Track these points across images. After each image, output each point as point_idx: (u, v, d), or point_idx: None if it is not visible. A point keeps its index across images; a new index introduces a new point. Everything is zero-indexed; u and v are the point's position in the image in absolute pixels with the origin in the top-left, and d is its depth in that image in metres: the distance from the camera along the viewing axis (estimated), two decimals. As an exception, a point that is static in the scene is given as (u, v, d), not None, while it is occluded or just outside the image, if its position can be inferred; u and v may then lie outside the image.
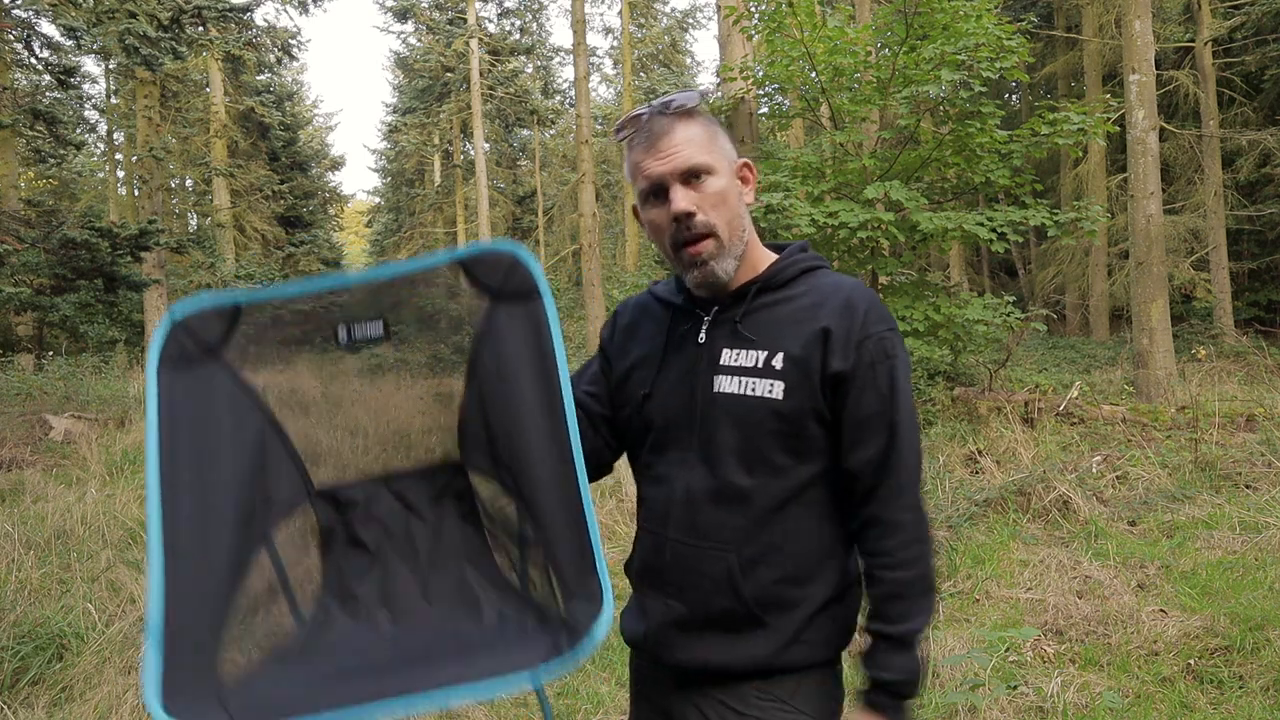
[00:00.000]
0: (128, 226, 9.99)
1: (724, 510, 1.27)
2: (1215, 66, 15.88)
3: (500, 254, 1.19)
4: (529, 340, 1.19)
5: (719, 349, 1.30)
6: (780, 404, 1.24)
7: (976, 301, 7.38)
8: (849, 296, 1.27)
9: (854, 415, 1.24)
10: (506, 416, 1.19)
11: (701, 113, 1.32)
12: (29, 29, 13.20)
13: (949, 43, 6.65)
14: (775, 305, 1.30)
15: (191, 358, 1.10)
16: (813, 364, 1.24)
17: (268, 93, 26.79)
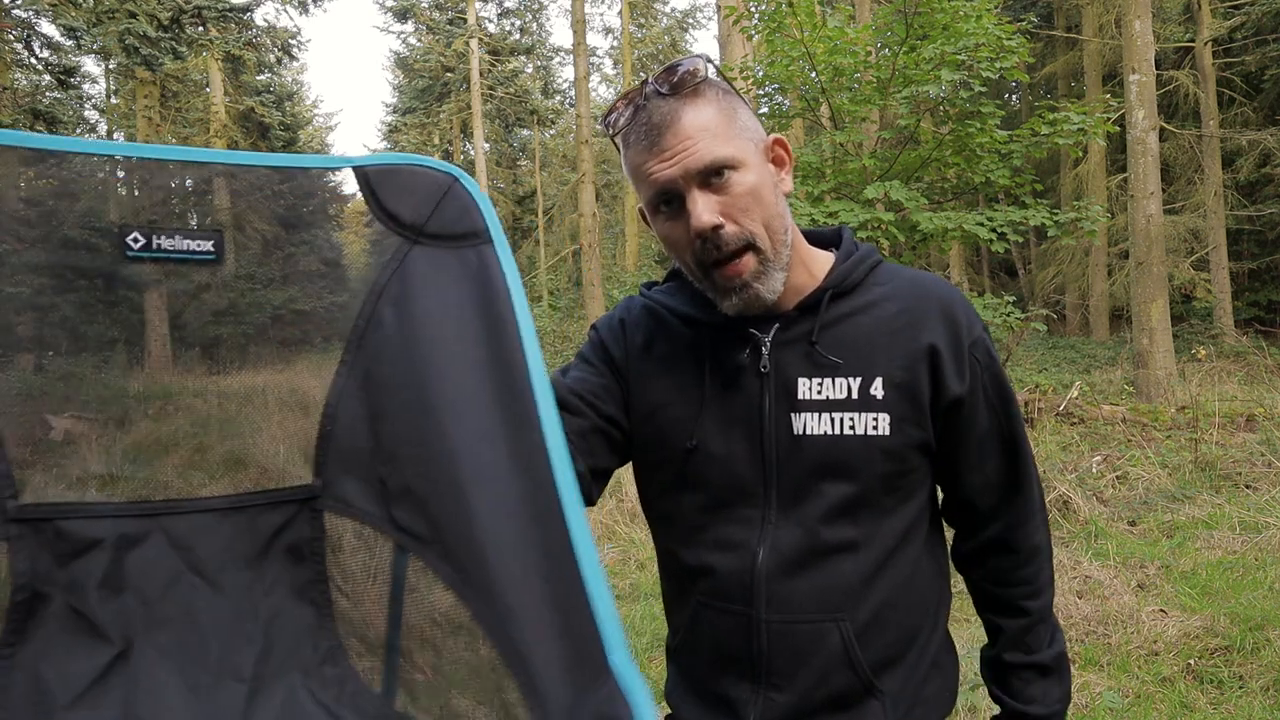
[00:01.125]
0: (128, 226, 10.00)
1: (826, 572, 1.01)
2: (1215, 66, 15.89)
3: (427, 170, 0.79)
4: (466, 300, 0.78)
5: (793, 379, 1.01)
6: (887, 440, 1.00)
7: (976, 301, 7.38)
8: (943, 299, 1.04)
9: (972, 436, 1.05)
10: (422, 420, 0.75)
11: (712, 85, 0.98)
12: (29, 29, 13.21)
13: (949, 43, 6.65)
14: (854, 316, 1.03)
15: None
16: (920, 388, 1.00)
17: (268, 93, 26.81)
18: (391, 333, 0.77)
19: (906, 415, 1.00)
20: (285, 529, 0.79)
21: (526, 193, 31.24)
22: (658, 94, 0.96)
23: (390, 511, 0.75)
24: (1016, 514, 1.09)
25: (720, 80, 1.00)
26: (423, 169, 0.79)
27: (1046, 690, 1.09)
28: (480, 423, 0.73)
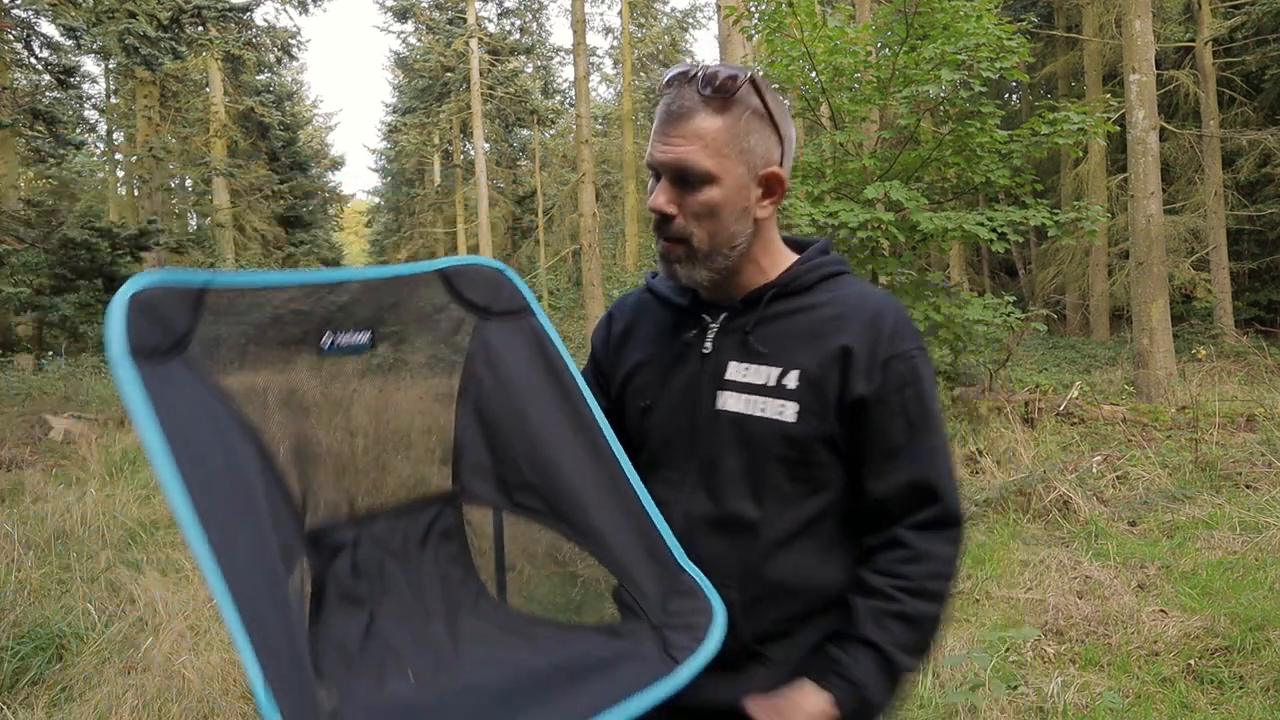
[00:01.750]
0: (127, 226, 10.00)
1: (725, 541, 1.12)
2: (1215, 66, 15.89)
3: (483, 268, 1.13)
4: (532, 354, 1.13)
5: (725, 362, 1.15)
6: (791, 427, 1.10)
7: (976, 301, 7.37)
8: (875, 310, 1.12)
9: (879, 444, 1.11)
10: (522, 435, 1.11)
11: (744, 100, 1.08)
12: (29, 29, 13.20)
13: (949, 43, 6.65)
14: (792, 315, 1.15)
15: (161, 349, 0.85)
16: (829, 385, 1.10)
17: (268, 93, 26.80)
18: (489, 383, 1.13)
19: (812, 408, 1.10)
20: (437, 519, 1.15)
21: (526, 193, 31.22)
22: (690, 85, 1.08)
23: (512, 499, 1.13)
24: (925, 520, 1.10)
25: (755, 100, 1.10)
26: (482, 267, 1.15)
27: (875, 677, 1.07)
28: (562, 433, 1.10)
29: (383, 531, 1.11)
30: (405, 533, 1.12)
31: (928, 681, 3.19)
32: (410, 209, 31.40)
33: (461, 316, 1.13)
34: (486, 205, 24.52)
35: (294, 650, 0.85)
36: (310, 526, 1.06)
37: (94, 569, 4.30)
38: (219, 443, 0.89)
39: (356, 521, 1.10)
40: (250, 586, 0.81)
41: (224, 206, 23.08)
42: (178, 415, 0.82)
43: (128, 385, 0.80)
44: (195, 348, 0.90)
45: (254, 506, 0.90)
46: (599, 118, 31.51)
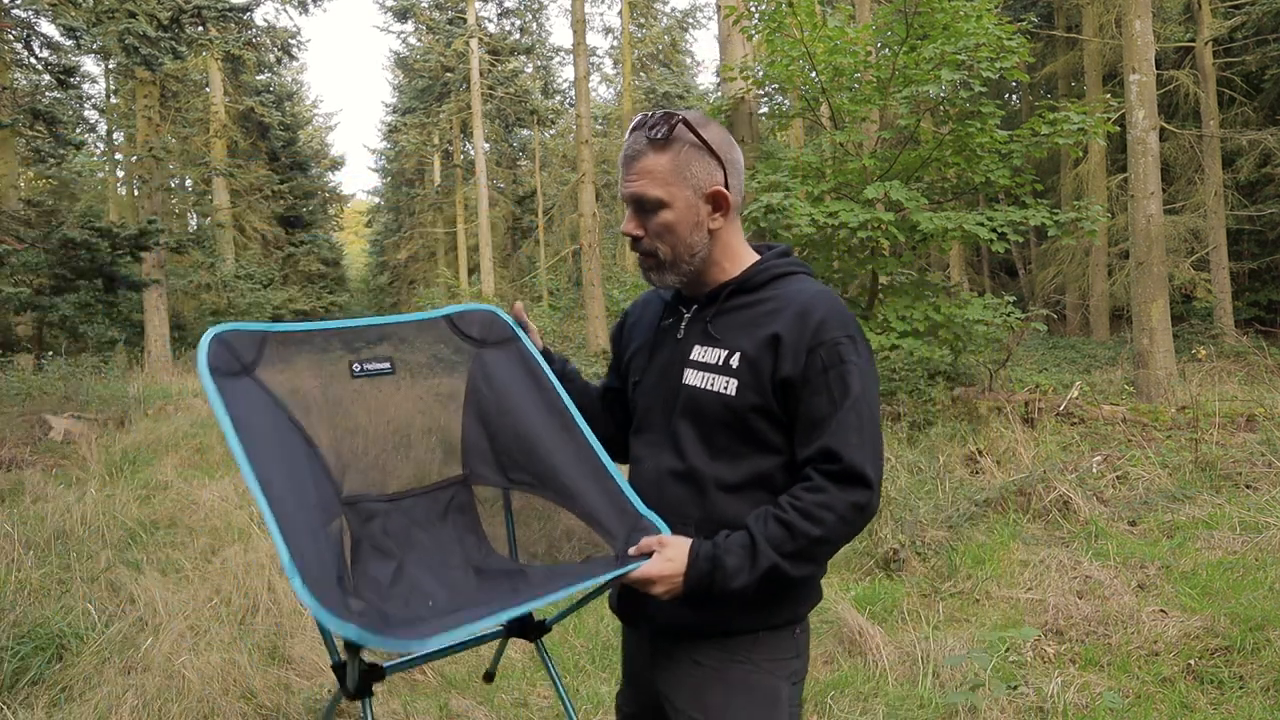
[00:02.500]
0: (127, 226, 9.98)
1: (685, 489, 1.39)
2: (1215, 66, 15.89)
3: (480, 311, 1.52)
4: (519, 369, 1.50)
5: (691, 345, 1.42)
6: (731, 399, 1.34)
7: (976, 301, 7.37)
8: (806, 304, 1.34)
9: (806, 417, 1.32)
10: (514, 429, 1.45)
11: (679, 140, 1.36)
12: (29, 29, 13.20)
13: (949, 43, 6.65)
14: (743, 308, 1.40)
15: (234, 370, 1.26)
16: (763, 367, 1.33)
17: (268, 93, 26.79)
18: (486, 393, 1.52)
19: (749, 384, 1.33)
20: (455, 497, 1.51)
21: (526, 193, 31.21)
22: (637, 133, 1.37)
23: (509, 476, 1.49)
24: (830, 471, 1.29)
25: (690, 136, 1.36)
26: (479, 310, 1.55)
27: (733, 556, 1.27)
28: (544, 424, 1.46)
29: (408, 506, 1.45)
30: (427, 507, 1.46)
31: (927, 681, 3.19)
32: (410, 209, 31.39)
33: (463, 347, 1.52)
34: (486, 205, 24.51)
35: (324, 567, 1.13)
36: (347, 495, 1.39)
37: (94, 569, 4.30)
38: (274, 430, 1.25)
39: (387, 499, 1.44)
40: (293, 521, 1.11)
41: (224, 206, 23.08)
42: (242, 409, 1.19)
43: (208, 389, 1.19)
44: (260, 371, 1.29)
45: (298, 472, 1.24)
46: (599, 118, 31.50)
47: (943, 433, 6.82)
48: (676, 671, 1.40)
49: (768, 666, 1.36)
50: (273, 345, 1.32)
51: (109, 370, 13.57)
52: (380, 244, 34.06)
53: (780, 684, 1.37)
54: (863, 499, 1.28)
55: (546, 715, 3.09)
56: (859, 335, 1.34)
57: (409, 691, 3.22)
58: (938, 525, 4.79)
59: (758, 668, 1.36)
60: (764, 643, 1.37)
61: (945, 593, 4.12)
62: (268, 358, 1.31)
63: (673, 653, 1.41)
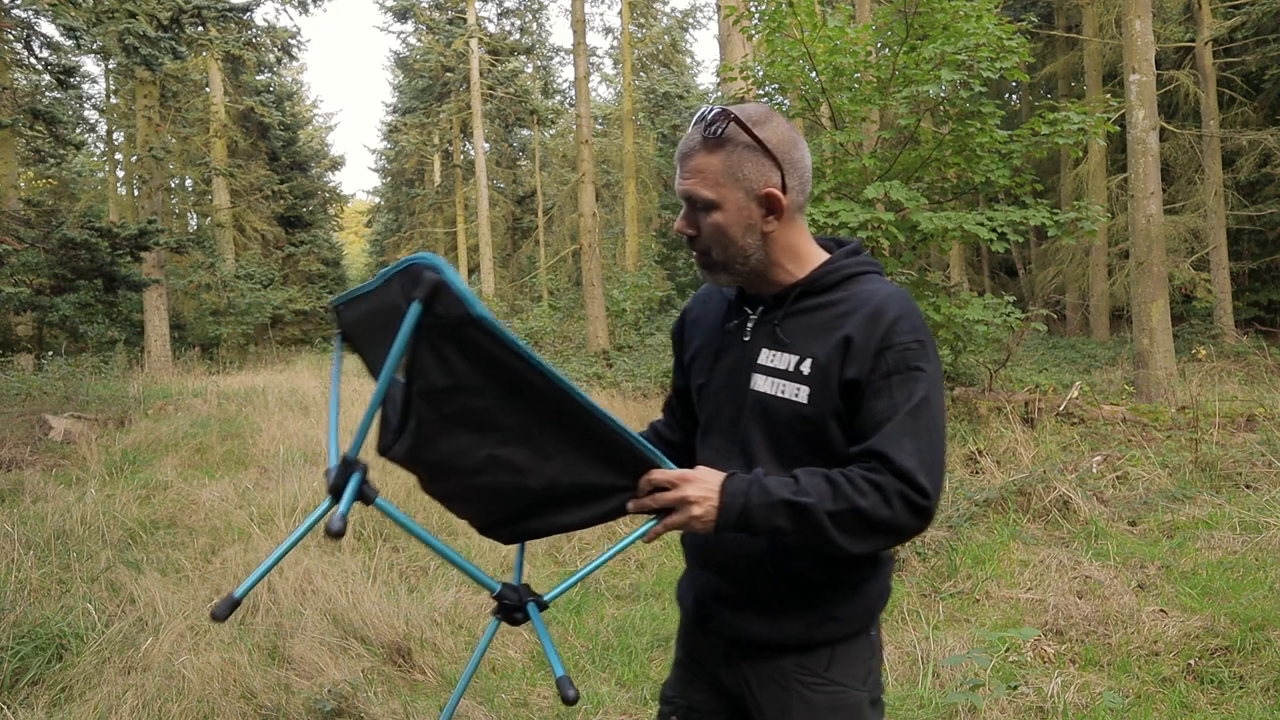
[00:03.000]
0: (127, 226, 9.98)
1: None
2: (1215, 66, 15.88)
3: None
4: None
5: (759, 348, 1.37)
6: (803, 408, 1.29)
7: (976, 301, 7.37)
8: (879, 305, 1.28)
9: (864, 418, 1.25)
10: None
11: (732, 139, 1.30)
12: (29, 29, 13.19)
13: (949, 43, 6.64)
14: (813, 311, 1.34)
15: None
16: (832, 371, 1.27)
17: (268, 93, 26.78)
18: None
19: (821, 391, 1.28)
20: None
21: (526, 193, 31.21)
22: (696, 128, 1.32)
23: None
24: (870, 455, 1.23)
25: (744, 137, 1.30)
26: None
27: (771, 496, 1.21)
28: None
29: None
30: None
31: (927, 681, 3.19)
32: (410, 209, 31.38)
33: None
34: (486, 205, 24.52)
35: None
36: None
37: (94, 569, 4.30)
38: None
39: None
40: None
41: (224, 206, 23.07)
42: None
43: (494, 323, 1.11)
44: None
45: None
46: (599, 118, 31.49)
47: (943, 433, 6.81)
48: (757, 685, 1.38)
49: (849, 681, 1.36)
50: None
51: (109, 370, 13.57)
52: (380, 244, 34.05)
53: (861, 695, 1.37)
54: (914, 497, 1.20)
55: (546, 715, 3.09)
56: (930, 341, 1.28)
57: (409, 691, 3.22)
58: (938, 525, 4.79)
59: (841, 688, 1.35)
60: (840, 657, 1.35)
61: (945, 593, 4.12)
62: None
63: (753, 665, 1.39)
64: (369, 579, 4.12)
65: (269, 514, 5.28)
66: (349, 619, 3.62)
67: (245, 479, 6.46)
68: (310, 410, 9.55)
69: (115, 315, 11.41)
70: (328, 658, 3.30)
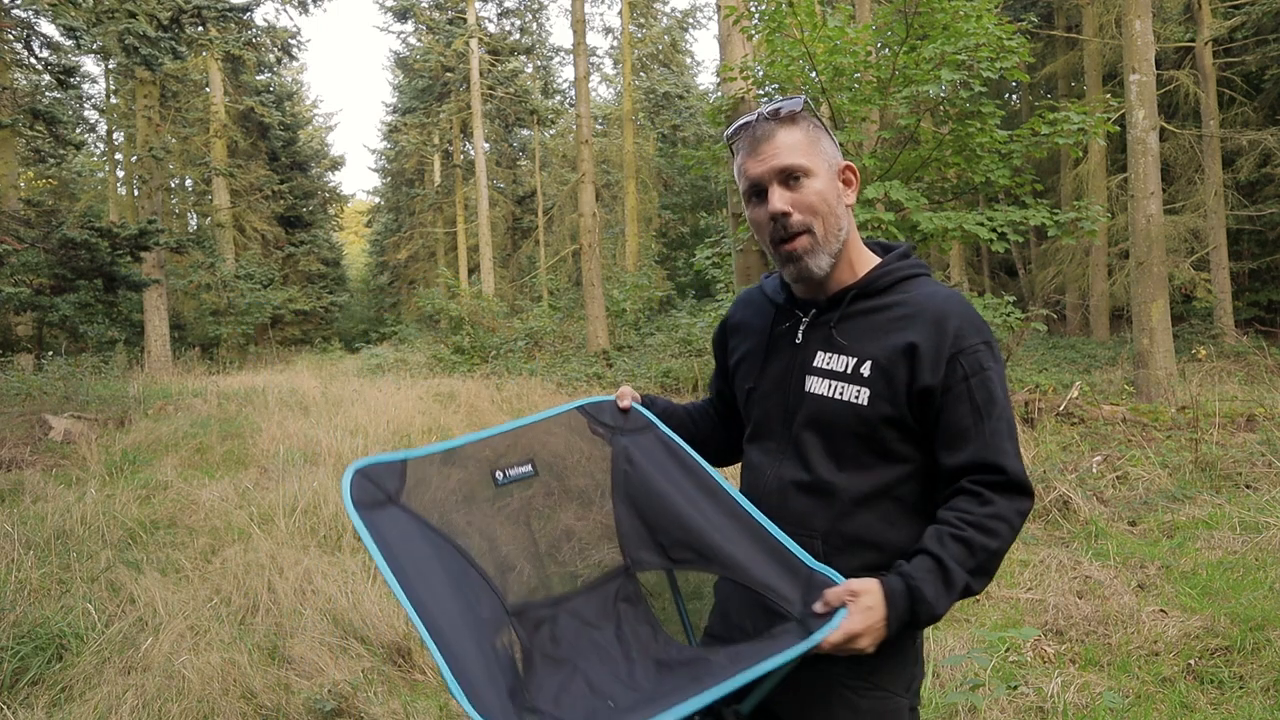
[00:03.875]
0: (127, 226, 9.98)
1: (811, 500, 1.35)
2: (1215, 66, 15.88)
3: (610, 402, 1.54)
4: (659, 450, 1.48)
5: (813, 351, 1.37)
6: (864, 409, 1.30)
7: (976, 301, 7.37)
8: (941, 310, 1.30)
9: (948, 426, 1.28)
10: (668, 508, 1.42)
11: (805, 117, 1.36)
12: (29, 29, 13.19)
13: (949, 43, 6.64)
14: (870, 313, 1.35)
15: (379, 502, 1.28)
16: (898, 376, 1.28)
17: (267, 93, 26.79)
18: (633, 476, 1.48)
19: (883, 393, 1.29)
20: (621, 589, 1.46)
21: (526, 193, 31.21)
22: (764, 119, 1.35)
23: (670, 556, 1.43)
24: (989, 482, 1.26)
25: (812, 117, 1.37)
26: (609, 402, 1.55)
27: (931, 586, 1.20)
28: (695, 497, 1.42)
29: (576, 606, 1.43)
30: (596, 605, 1.44)
31: (928, 681, 3.19)
32: (410, 209, 31.38)
33: (600, 435, 1.51)
34: (486, 205, 24.51)
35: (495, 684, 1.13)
36: (512, 605, 1.39)
37: (94, 569, 4.30)
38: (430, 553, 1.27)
39: (552, 602, 1.43)
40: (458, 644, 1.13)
41: (224, 206, 23.07)
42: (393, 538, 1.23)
43: (357, 525, 1.22)
44: (405, 498, 1.31)
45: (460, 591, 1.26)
46: (599, 118, 31.50)
47: (943, 433, 6.81)
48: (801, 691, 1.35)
49: (894, 689, 1.34)
50: (413, 469, 1.34)
51: (109, 370, 13.58)
52: (380, 244, 34.05)
53: (903, 704, 1.35)
54: (1027, 506, 1.27)
55: (546, 715, 3.09)
56: (993, 340, 1.32)
57: (409, 691, 3.22)
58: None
59: (886, 693, 1.33)
60: (886, 661, 1.31)
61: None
62: (410, 483, 1.32)
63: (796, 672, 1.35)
64: (369, 579, 4.12)
65: (269, 514, 5.28)
66: (349, 619, 3.62)
67: (245, 479, 6.46)
68: (310, 410, 9.55)
69: (115, 315, 11.41)
70: (328, 658, 3.30)
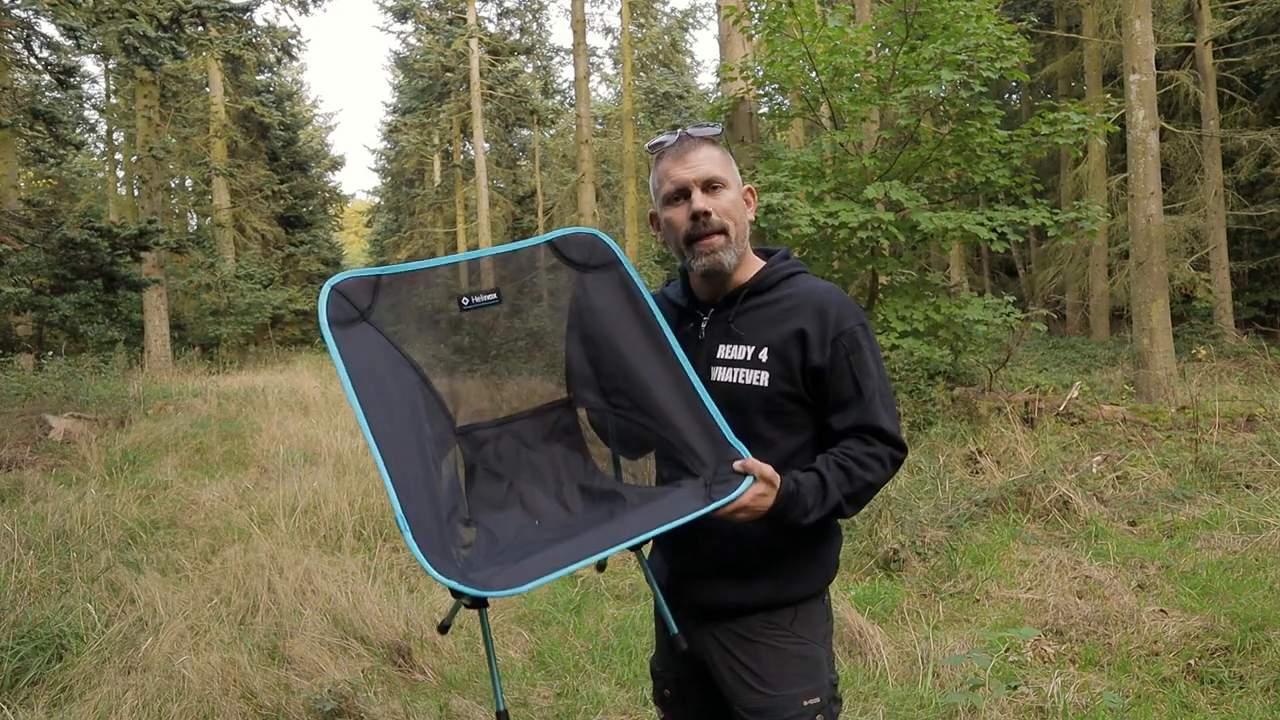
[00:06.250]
0: (127, 226, 9.98)
1: None
2: (1215, 66, 15.88)
3: (581, 234, 1.56)
4: (619, 295, 1.54)
5: (716, 344, 1.57)
6: (765, 389, 1.51)
7: (976, 301, 7.37)
8: (821, 300, 1.53)
9: (835, 396, 1.51)
10: (613, 354, 1.51)
11: (719, 143, 1.61)
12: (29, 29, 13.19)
13: (949, 43, 6.64)
14: (762, 307, 1.57)
15: (351, 318, 1.36)
16: (792, 358, 1.50)
17: (267, 93, 26.78)
18: (589, 318, 1.54)
19: (779, 374, 1.51)
20: (560, 419, 1.58)
21: (526, 193, 31.20)
22: (688, 137, 1.58)
23: (610, 400, 1.54)
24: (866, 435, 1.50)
25: (719, 146, 1.60)
26: (581, 233, 1.57)
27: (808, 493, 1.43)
28: (643, 351, 1.50)
29: (519, 429, 1.57)
30: (535, 429, 1.57)
31: (927, 681, 3.19)
32: (410, 209, 31.37)
33: (565, 271, 1.55)
34: (486, 205, 24.51)
35: (435, 504, 1.27)
36: (461, 425, 1.53)
37: (94, 569, 4.30)
38: (390, 374, 1.37)
39: (497, 423, 1.56)
40: (402, 462, 1.26)
41: (224, 206, 23.06)
42: (361, 358, 1.33)
43: (328, 343, 1.31)
44: (375, 315, 1.39)
45: (415, 412, 1.37)
46: (599, 118, 31.48)
47: (943, 433, 6.82)
48: (726, 643, 1.57)
49: (809, 636, 1.56)
50: (385, 287, 1.41)
51: (109, 370, 13.56)
52: (380, 244, 34.02)
53: (820, 650, 1.57)
54: (901, 456, 1.52)
55: (547, 715, 3.09)
56: (866, 320, 1.55)
57: (409, 691, 3.22)
58: (938, 525, 4.79)
59: (802, 640, 1.55)
60: (801, 616, 1.56)
61: (945, 593, 4.12)
62: (381, 300, 1.40)
63: (720, 627, 1.57)
64: (369, 579, 4.12)
65: (269, 514, 5.28)
66: (349, 619, 3.62)
67: (245, 479, 6.46)
68: (310, 410, 9.55)
69: (115, 315, 11.41)
70: (328, 658, 3.30)
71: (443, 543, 1.24)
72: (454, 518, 1.35)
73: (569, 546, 1.27)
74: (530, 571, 1.21)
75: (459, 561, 1.25)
